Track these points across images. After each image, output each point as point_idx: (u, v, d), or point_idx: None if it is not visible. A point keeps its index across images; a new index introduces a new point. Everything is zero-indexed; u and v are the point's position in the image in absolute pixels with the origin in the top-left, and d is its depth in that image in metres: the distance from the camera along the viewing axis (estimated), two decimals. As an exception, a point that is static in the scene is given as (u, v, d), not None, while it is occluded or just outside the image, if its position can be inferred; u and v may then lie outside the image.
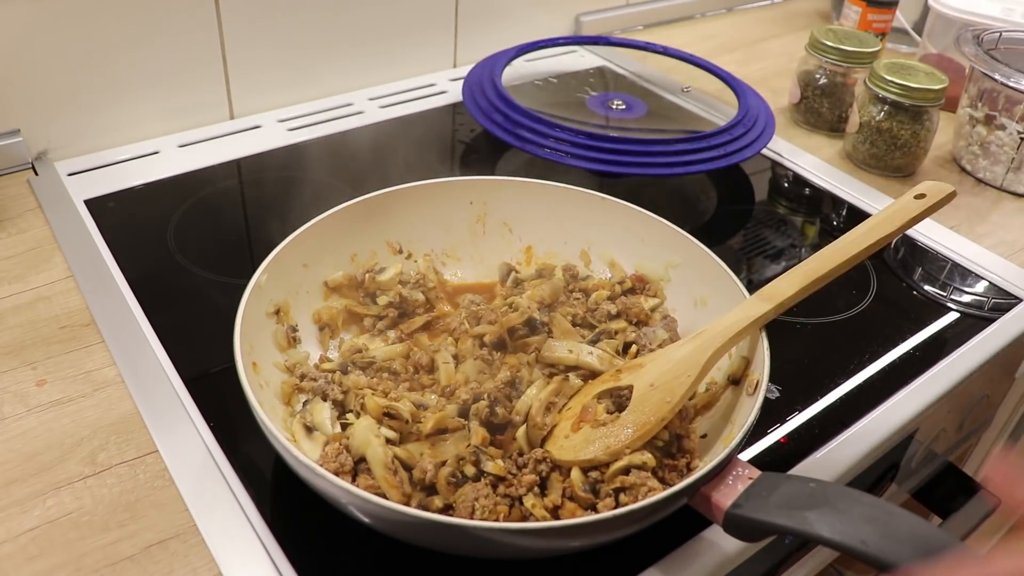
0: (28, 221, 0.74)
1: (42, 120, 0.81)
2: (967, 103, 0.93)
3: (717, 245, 0.78)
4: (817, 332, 0.69)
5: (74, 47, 0.79)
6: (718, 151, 0.82)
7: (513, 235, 0.69)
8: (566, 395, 0.54)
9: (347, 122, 0.94)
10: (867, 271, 0.77)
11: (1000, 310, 0.73)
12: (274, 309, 0.58)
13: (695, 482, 0.45)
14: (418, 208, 0.66)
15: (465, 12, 1.04)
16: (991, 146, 0.91)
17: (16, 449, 0.54)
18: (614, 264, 0.67)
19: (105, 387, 0.59)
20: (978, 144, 0.92)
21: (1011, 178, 0.91)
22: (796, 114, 1.02)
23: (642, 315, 0.62)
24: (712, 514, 0.46)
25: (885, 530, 0.39)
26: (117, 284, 0.67)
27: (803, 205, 0.88)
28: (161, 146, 0.86)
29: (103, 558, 0.48)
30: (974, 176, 0.94)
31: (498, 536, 0.43)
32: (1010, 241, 0.83)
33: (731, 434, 0.49)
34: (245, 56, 0.89)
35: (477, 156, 0.91)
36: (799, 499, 0.43)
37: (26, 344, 0.61)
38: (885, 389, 0.64)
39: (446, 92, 1.01)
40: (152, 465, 0.53)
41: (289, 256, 0.59)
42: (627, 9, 1.22)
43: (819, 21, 1.33)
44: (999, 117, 0.90)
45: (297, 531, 0.50)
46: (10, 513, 0.50)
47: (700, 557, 0.50)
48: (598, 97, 1.01)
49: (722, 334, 0.53)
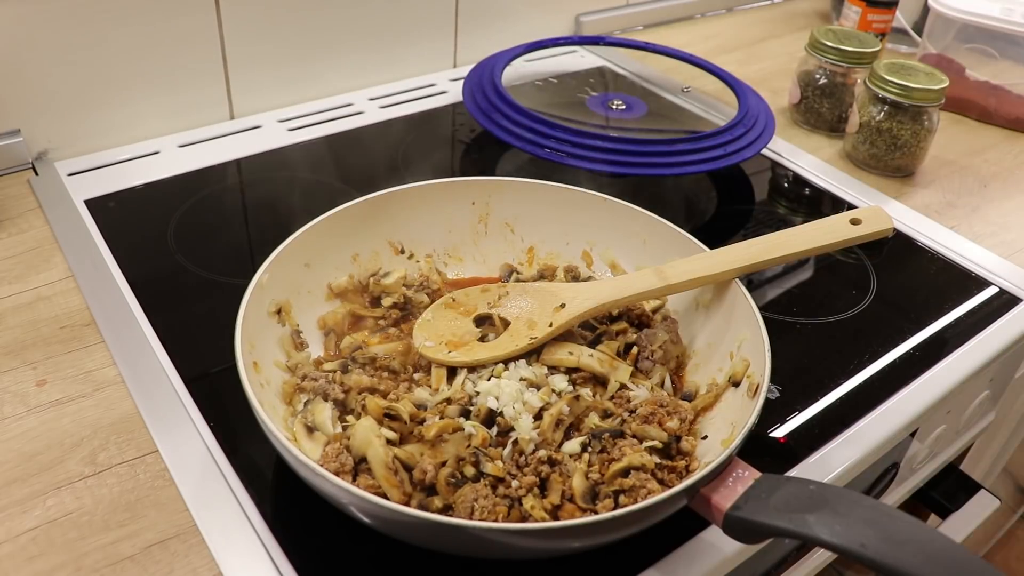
0: (28, 221, 0.74)
1: (42, 120, 0.81)
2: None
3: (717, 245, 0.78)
4: (817, 332, 0.69)
5: (74, 47, 0.79)
6: (718, 151, 0.82)
7: (515, 235, 0.69)
8: (575, 414, 0.54)
9: (347, 122, 0.94)
10: (867, 271, 0.77)
11: (1000, 310, 0.73)
12: (275, 309, 0.58)
13: (695, 483, 0.45)
14: (420, 208, 0.66)
15: (465, 12, 1.04)
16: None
17: (16, 449, 0.54)
18: (616, 265, 0.67)
19: (105, 387, 0.59)
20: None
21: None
22: (796, 114, 1.02)
23: (643, 316, 0.62)
24: (712, 516, 0.46)
25: (885, 533, 0.39)
26: (117, 284, 0.67)
27: (803, 205, 0.88)
28: (161, 146, 0.86)
29: (103, 558, 0.48)
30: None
31: (497, 536, 0.43)
32: (1010, 241, 0.83)
33: (731, 436, 0.49)
34: (245, 56, 0.89)
35: (477, 156, 0.91)
36: (799, 501, 0.42)
37: (26, 344, 0.61)
38: (885, 389, 0.64)
39: (446, 92, 1.01)
40: (152, 465, 0.53)
41: (291, 256, 0.59)
42: (627, 9, 1.22)
43: (819, 21, 1.33)
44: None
45: (297, 531, 0.50)
46: (10, 513, 0.50)
47: (699, 558, 0.50)
48: (598, 97, 1.01)
49: (596, 298, 0.58)
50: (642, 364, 0.59)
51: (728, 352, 0.57)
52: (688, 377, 0.59)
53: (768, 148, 0.93)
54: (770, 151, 0.94)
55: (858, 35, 0.98)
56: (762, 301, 0.72)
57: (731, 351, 0.57)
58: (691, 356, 0.61)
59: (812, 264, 0.78)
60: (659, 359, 0.59)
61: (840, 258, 0.79)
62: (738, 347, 0.56)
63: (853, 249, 0.80)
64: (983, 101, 1.04)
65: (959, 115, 1.06)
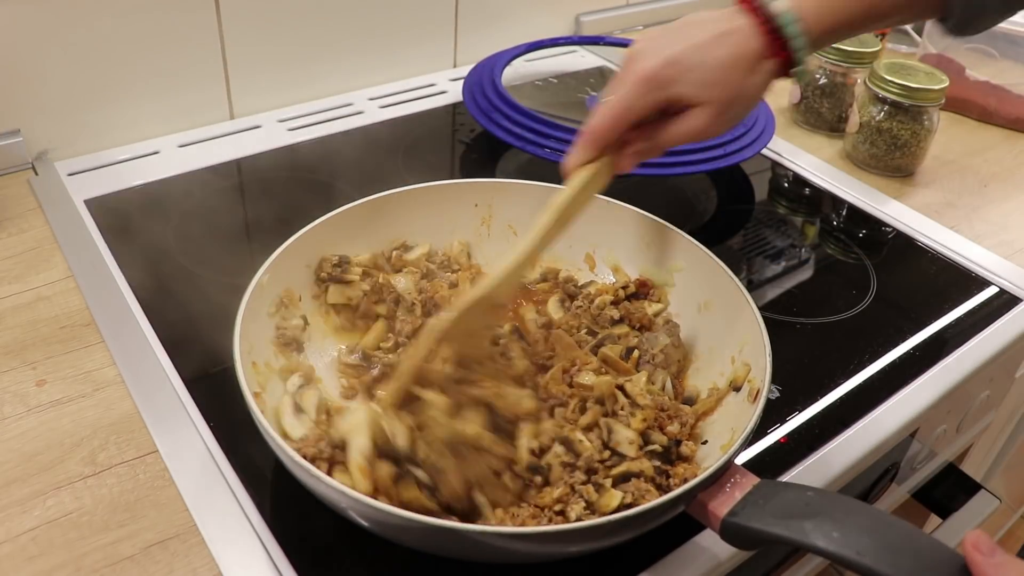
0: (28, 221, 0.74)
1: (42, 120, 0.81)
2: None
3: (717, 245, 0.78)
4: (817, 332, 0.69)
5: (74, 47, 0.79)
6: (718, 151, 0.82)
7: (518, 238, 0.69)
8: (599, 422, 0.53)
9: (347, 122, 0.94)
10: (867, 271, 0.77)
11: (1000, 310, 0.73)
12: (275, 309, 0.58)
13: (692, 488, 0.44)
14: (423, 209, 0.66)
15: (465, 12, 1.03)
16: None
17: (16, 449, 0.54)
18: (618, 268, 0.67)
19: (105, 387, 0.59)
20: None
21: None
22: (796, 114, 1.02)
23: (645, 320, 0.62)
24: (709, 521, 0.45)
25: (882, 541, 0.39)
26: (117, 284, 0.67)
27: (803, 205, 0.88)
28: (161, 146, 0.86)
29: (103, 558, 0.48)
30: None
31: (494, 540, 0.43)
32: (1010, 241, 0.83)
33: (731, 441, 0.49)
34: (245, 56, 0.89)
35: (477, 156, 0.91)
36: (796, 508, 0.42)
37: (26, 344, 0.61)
38: (885, 389, 0.64)
39: (446, 92, 1.01)
40: (152, 465, 0.53)
41: (292, 256, 0.58)
42: (627, 9, 1.22)
43: (819, 21, 1.33)
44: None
45: (297, 531, 0.50)
46: (10, 513, 0.50)
47: (694, 562, 0.50)
48: (598, 97, 1.01)
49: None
50: (643, 368, 0.59)
51: (730, 356, 0.57)
52: (689, 381, 0.59)
53: (768, 148, 0.93)
54: (770, 151, 0.94)
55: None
56: (762, 301, 0.72)
57: (732, 355, 0.57)
58: (693, 360, 0.60)
59: (812, 264, 0.78)
60: (660, 363, 0.59)
61: (840, 258, 0.79)
62: (739, 351, 0.56)
63: (853, 249, 0.80)
64: (983, 101, 1.04)
65: (959, 115, 1.06)
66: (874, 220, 0.85)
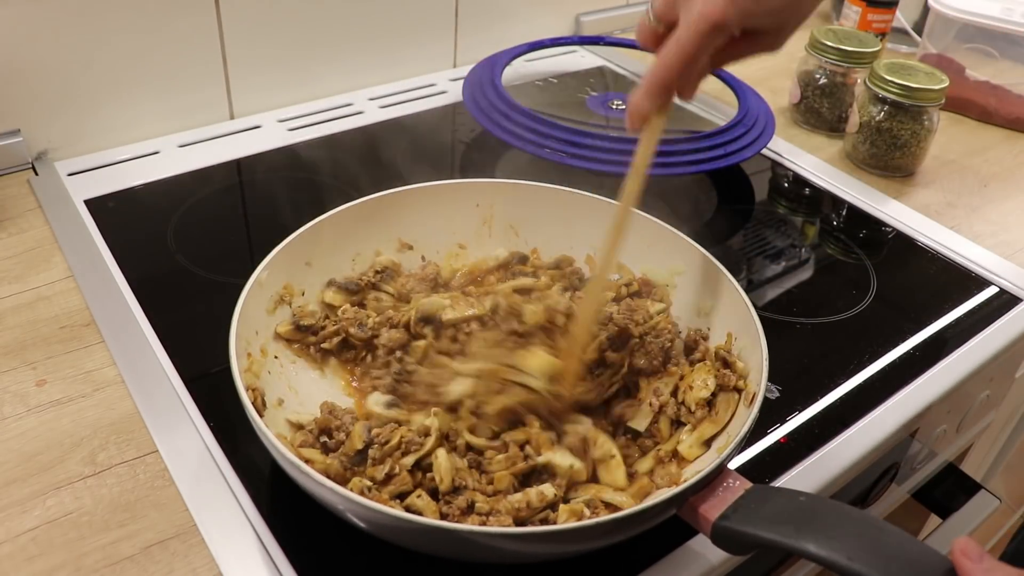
0: (28, 221, 0.74)
1: (42, 120, 0.81)
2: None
3: (717, 245, 0.78)
4: (817, 332, 0.69)
5: (74, 47, 0.79)
6: (718, 151, 0.82)
7: (520, 238, 0.69)
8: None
9: (347, 122, 0.94)
10: (867, 271, 0.77)
11: (1000, 310, 0.73)
12: (274, 306, 0.58)
13: (683, 492, 0.44)
14: (424, 209, 0.66)
15: (465, 12, 1.04)
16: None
17: (16, 449, 0.54)
18: (620, 268, 0.67)
19: (105, 387, 0.59)
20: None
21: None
22: (796, 114, 1.02)
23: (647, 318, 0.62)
24: (700, 525, 0.45)
25: (873, 547, 0.39)
26: (117, 284, 0.67)
27: (803, 205, 0.88)
28: (161, 146, 0.86)
29: (103, 558, 0.48)
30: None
31: (486, 540, 0.43)
32: (1010, 241, 0.83)
33: (725, 444, 0.49)
34: (245, 56, 0.89)
35: (477, 156, 0.91)
36: (788, 513, 0.42)
37: (26, 344, 0.61)
38: (885, 389, 0.64)
39: (446, 92, 1.01)
40: (152, 465, 0.53)
41: (291, 254, 0.58)
42: (627, 9, 1.22)
43: (819, 21, 1.33)
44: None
45: (297, 531, 0.50)
46: (10, 513, 0.50)
47: (687, 566, 0.50)
48: (598, 97, 1.01)
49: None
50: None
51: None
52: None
53: (768, 148, 0.93)
54: (770, 151, 0.94)
55: (858, 35, 0.98)
56: (762, 301, 0.72)
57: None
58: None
59: (812, 264, 0.78)
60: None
61: (840, 258, 0.79)
62: (738, 355, 0.56)
63: (853, 249, 0.80)
64: (983, 101, 1.04)
65: (959, 115, 1.06)
66: (874, 220, 0.85)
